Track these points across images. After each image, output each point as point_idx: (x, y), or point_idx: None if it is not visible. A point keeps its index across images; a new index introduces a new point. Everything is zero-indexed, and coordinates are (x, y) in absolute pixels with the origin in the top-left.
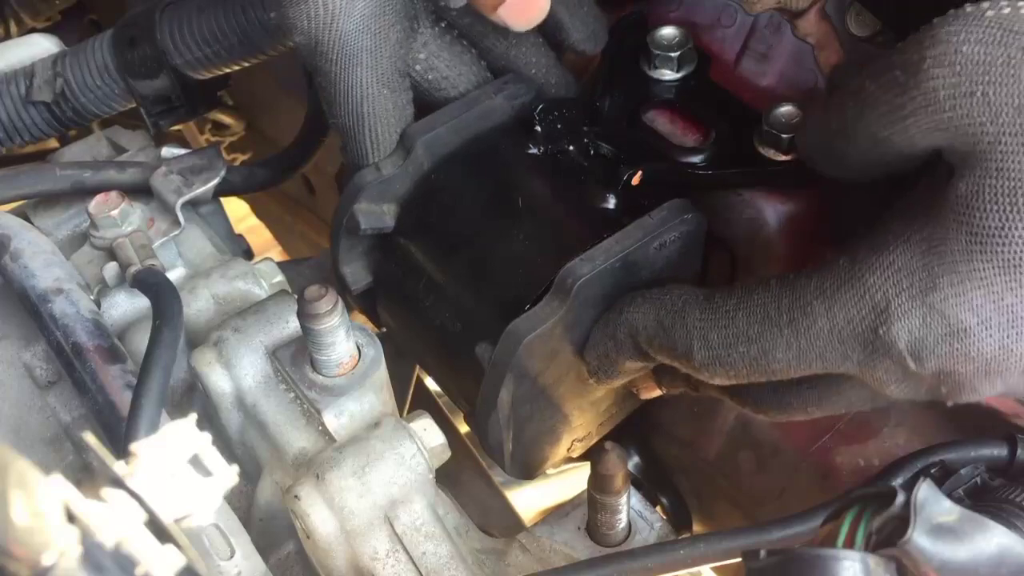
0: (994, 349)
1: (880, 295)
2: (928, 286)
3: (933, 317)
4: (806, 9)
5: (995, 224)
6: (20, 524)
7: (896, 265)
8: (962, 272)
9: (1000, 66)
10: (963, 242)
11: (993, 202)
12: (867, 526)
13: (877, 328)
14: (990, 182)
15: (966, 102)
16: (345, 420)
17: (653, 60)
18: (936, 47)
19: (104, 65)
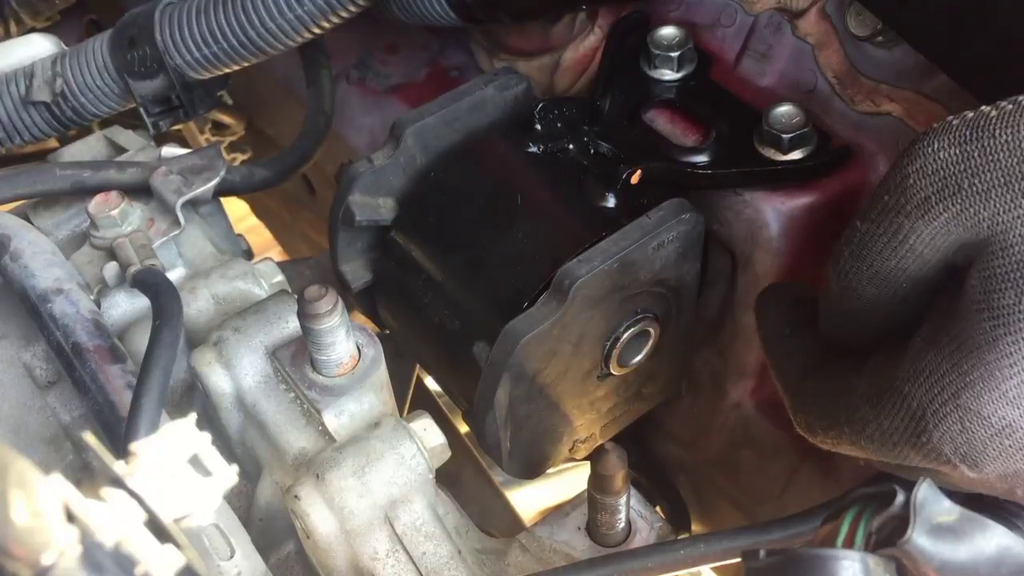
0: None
1: (916, 403)
2: (960, 386)
3: (970, 419)
4: (806, 9)
5: (1011, 301)
6: (20, 523)
7: (927, 370)
8: (990, 362)
9: (977, 157)
10: (986, 329)
11: (1005, 279)
12: (867, 526)
13: (920, 436)
14: (998, 262)
15: (957, 198)
16: (345, 420)
17: (653, 60)
18: (915, 161)
19: (103, 65)
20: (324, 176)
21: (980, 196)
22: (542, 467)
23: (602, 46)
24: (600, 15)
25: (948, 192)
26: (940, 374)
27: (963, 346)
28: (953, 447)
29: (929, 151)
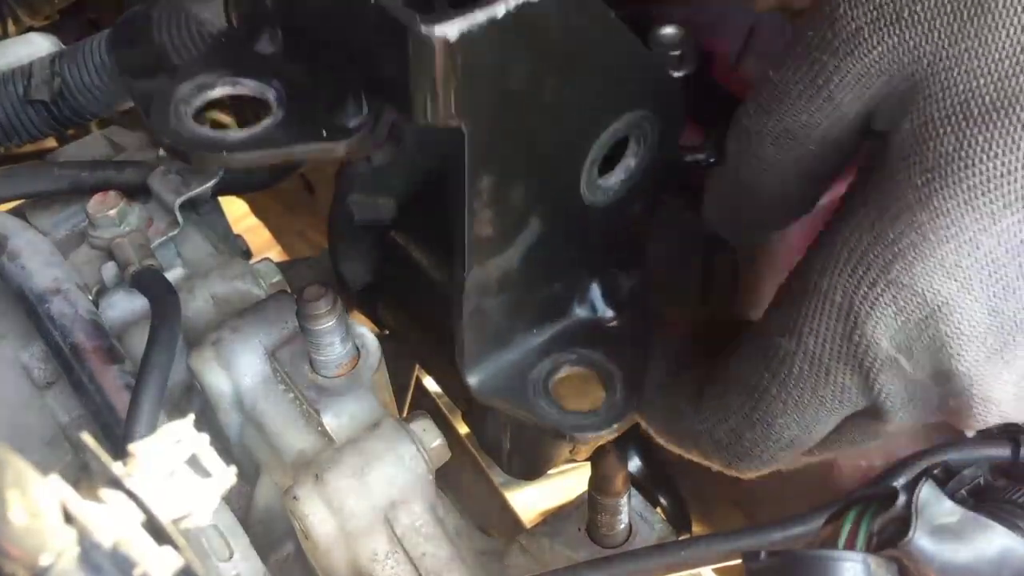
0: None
1: (840, 295)
2: (888, 259)
3: (904, 296)
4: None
5: (952, 146)
6: (18, 524)
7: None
8: (923, 223)
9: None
10: (917, 185)
11: (945, 123)
12: (868, 527)
13: (852, 336)
14: (938, 104)
15: (894, 28)
16: (344, 421)
17: None
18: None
19: (102, 64)
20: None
21: (923, 26)
22: (543, 468)
23: None
24: None
25: (885, 22)
26: (863, 250)
27: (888, 209)
28: (889, 336)
29: None
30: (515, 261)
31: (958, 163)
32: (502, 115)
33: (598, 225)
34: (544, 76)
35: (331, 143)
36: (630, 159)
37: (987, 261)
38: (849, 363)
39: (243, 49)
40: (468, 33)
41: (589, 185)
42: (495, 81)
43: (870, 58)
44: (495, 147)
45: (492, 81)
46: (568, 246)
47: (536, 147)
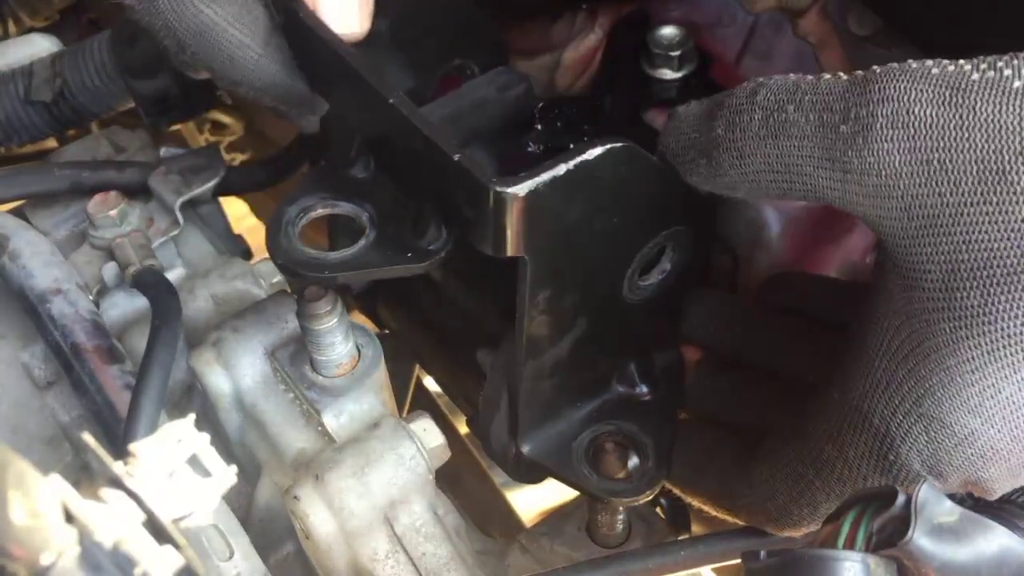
0: (1007, 443)
1: (878, 419)
2: (920, 394)
3: (935, 428)
4: (807, 8)
5: (978, 302)
6: (19, 524)
7: (884, 381)
8: (951, 367)
9: (954, 129)
10: (947, 331)
11: (970, 278)
12: (868, 527)
13: (887, 455)
14: (963, 256)
15: (924, 170)
16: (345, 420)
17: (653, 60)
18: (888, 104)
19: (103, 64)
20: None
21: (951, 179)
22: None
23: (602, 46)
24: (600, 15)
25: (917, 159)
26: (898, 383)
27: (918, 350)
28: (920, 460)
29: (904, 99)
30: (564, 351)
31: (983, 319)
32: (558, 246)
33: (637, 317)
34: (595, 213)
35: (414, 264)
36: (666, 263)
37: (1008, 403)
38: (884, 475)
39: (340, 174)
40: (534, 190)
41: (631, 287)
42: (554, 222)
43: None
44: (552, 270)
45: (551, 222)
46: (611, 336)
47: (585, 265)
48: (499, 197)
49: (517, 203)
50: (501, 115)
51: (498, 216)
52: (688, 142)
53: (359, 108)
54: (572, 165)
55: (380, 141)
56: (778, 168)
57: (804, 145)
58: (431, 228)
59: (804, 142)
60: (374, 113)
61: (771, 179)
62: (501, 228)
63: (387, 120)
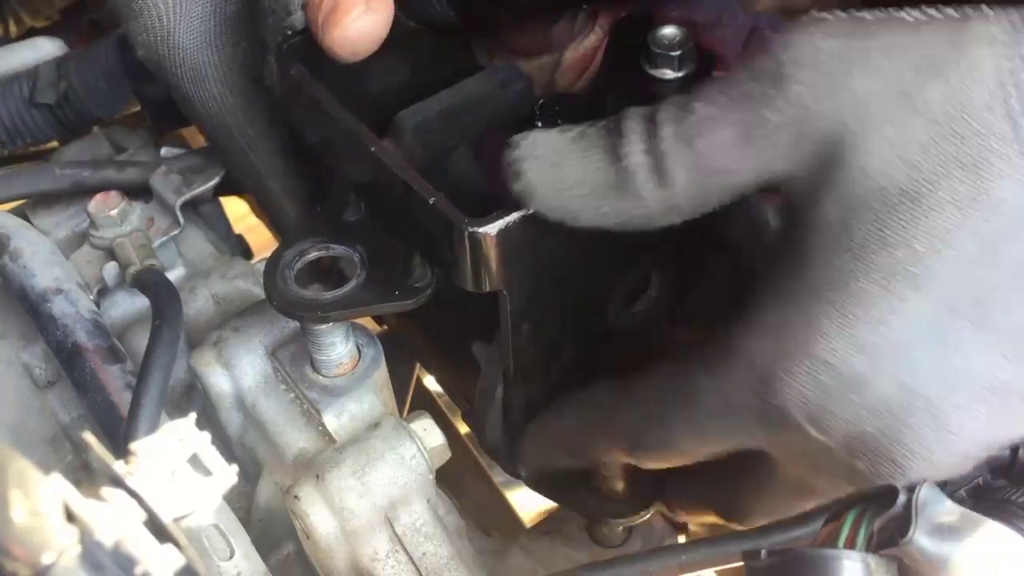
0: (894, 391)
1: (760, 359)
2: (809, 333)
3: (820, 370)
4: (807, 9)
5: (870, 232)
6: (20, 523)
7: (772, 320)
8: (842, 303)
9: (859, 55)
10: (836, 265)
11: (864, 209)
12: (868, 526)
13: (765, 398)
14: (858, 188)
15: (833, 103)
16: (345, 420)
17: (654, 59)
18: (793, 49)
19: (109, 68)
20: None
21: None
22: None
23: (603, 46)
24: (601, 14)
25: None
26: (787, 323)
27: (810, 290)
28: (802, 404)
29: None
30: (555, 379)
31: (873, 247)
32: (536, 279)
33: (625, 344)
34: (570, 245)
35: (402, 301)
36: (652, 291)
37: (895, 339)
38: (760, 419)
39: (334, 218)
40: (505, 228)
41: (616, 315)
42: (528, 256)
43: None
44: (532, 302)
45: (527, 256)
46: (600, 365)
47: (567, 296)
48: (472, 236)
49: (490, 241)
50: (501, 111)
51: (473, 254)
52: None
53: (346, 155)
54: None
55: (367, 186)
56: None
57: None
58: (417, 267)
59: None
60: (359, 160)
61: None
62: (478, 266)
63: (370, 167)
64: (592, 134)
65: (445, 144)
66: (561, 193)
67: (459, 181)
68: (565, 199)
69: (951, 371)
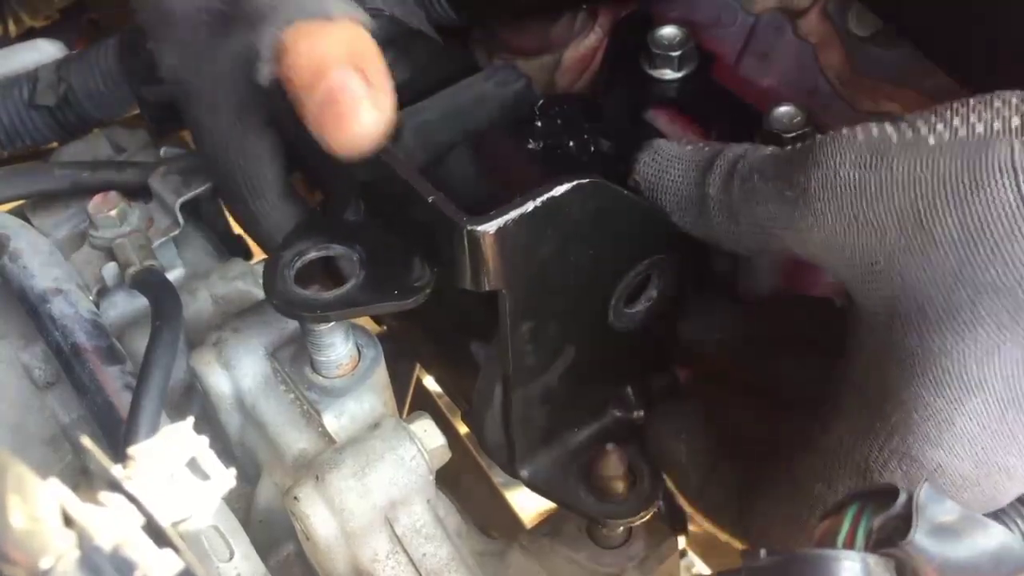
0: (972, 470)
1: (858, 456)
2: (889, 432)
3: (907, 463)
4: (807, 9)
5: (915, 344)
6: (18, 528)
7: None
8: (906, 403)
9: (875, 187)
10: (896, 372)
11: (907, 322)
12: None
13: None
14: (899, 300)
15: (853, 226)
16: (345, 421)
17: (654, 59)
18: (818, 170)
19: (109, 70)
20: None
21: (877, 232)
22: None
23: (603, 45)
24: (600, 14)
25: (844, 217)
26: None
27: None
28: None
29: (832, 164)
30: (554, 380)
31: (922, 359)
32: (535, 278)
33: (628, 342)
34: (569, 245)
35: (402, 300)
36: (652, 291)
37: (962, 434)
38: None
39: (334, 218)
40: (504, 227)
41: (617, 315)
42: (527, 255)
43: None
44: (531, 302)
45: (525, 255)
46: (602, 363)
47: (566, 296)
48: (471, 235)
49: (488, 240)
50: (500, 111)
51: (472, 253)
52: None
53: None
54: (539, 202)
55: (367, 186)
56: (755, 229)
57: (769, 209)
58: (416, 266)
59: (768, 206)
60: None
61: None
62: (476, 264)
63: (370, 166)
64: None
65: (445, 144)
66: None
67: (459, 181)
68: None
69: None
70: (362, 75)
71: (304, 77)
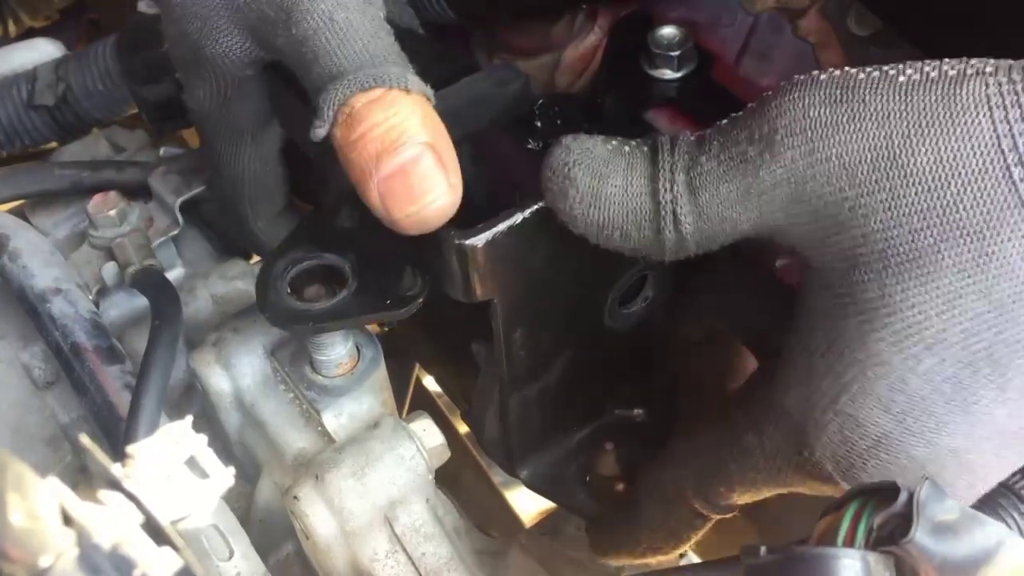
0: (921, 448)
1: (796, 415)
2: (837, 389)
3: (849, 426)
4: (806, 9)
5: (876, 295)
6: (17, 526)
7: (803, 377)
8: (862, 360)
9: (847, 123)
10: (852, 326)
11: (868, 271)
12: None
13: (802, 451)
14: (860, 251)
15: (825, 167)
16: (344, 420)
17: (654, 59)
18: (784, 115)
19: (107, 70)
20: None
21: (848, 172)
22: None
23: (602, 45)
24: (600, 14)
25: (817, 159)
26: (817, 377)
27: (833, 346)
28: (834, 461)
29: (799, 106)
30: (551, 382)
31: (883, 310)
32: (527, 286)
33: (625, 343)
34: (560, 253)
35: (394, 311)
36: (648, 290)
37: (916, 398)
38: (797, 470)
39: (327, 224)
40: (493, 239)
41: (612, 316)
42: (518, 265)
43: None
44: (524, 310)
45: (516, 266)
46: (599, 364)
47: (559, 302)
48: (460, 248)
49: (478, 253)
50: (500, 111)
51: (463, 265)
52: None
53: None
54: (528, 213)
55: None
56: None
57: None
58: (407, 275)
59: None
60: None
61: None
62: (467, 276)
63: None
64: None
65: None
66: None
67: None
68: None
69: (975, 425)
70: (435, 152)
71: (375, 147)
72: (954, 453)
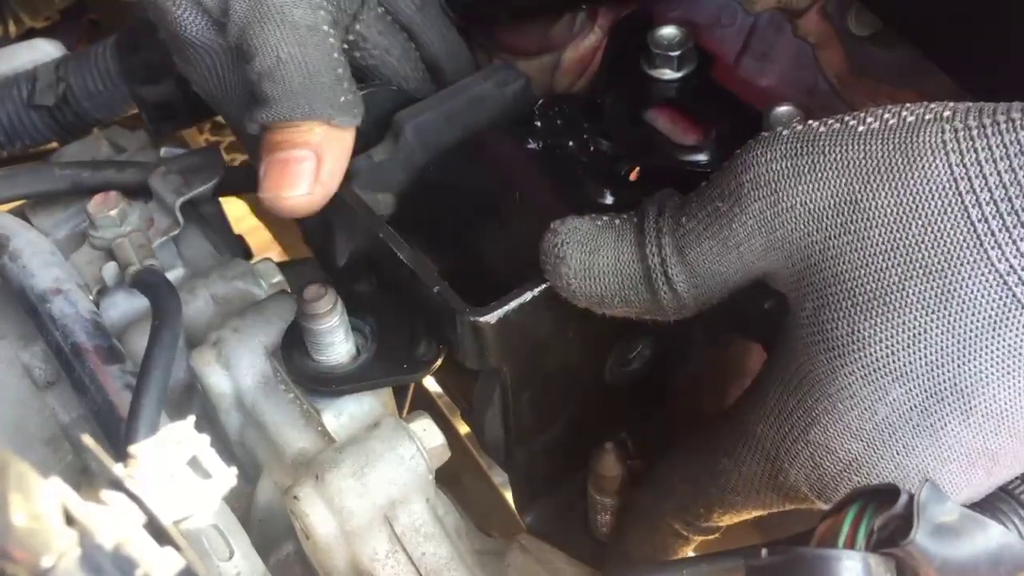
0: (891, 470)
1: (769, 444)
2: (808, 422)
3: (821, 454)
4: (806, 9)
5: (846, 332)
6: (19, 526)
7: (776, 409)
8: (832, 395)
9: (808, 173)
10: (823, 362)
11: (837, 309)
12: (868, 524)
13: (777, 476)
14: (830, 290)
15: (791, 216)
16: (344, 420)
17: (654, 59)
18: (749, 171)
19: (107, 70)
20: None
21: (813, 218)
22: None
23: (602, 45)
24: (600, 15)
25: (782, 208)
26: (788, 411)
27: (804, 381)
28: (808, 484)
29: (762, 161)
30: (554, 435)
31: (852, 346)
32: (535, 355)
33: (624, 393)
34: (565, 324)
35: (410, 375)
36: (645, 350)
37: (884, 425)
38: (775, 492)
39: (347, 288)
40: (504, 316)
41: (612, 374)
42: (526, 336)
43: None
44: (530, 375)
45: (524, 337)
46: (599, 415)
47: (564, 366)
48: (474, 324)
49: (490, 328)
50: (500, 111)
51: (476, 338)
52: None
53: (358, 233)
54: (537, 292)
55: (377, 264)
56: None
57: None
58: (423, 341)
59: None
60: (368, 240)
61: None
62: (480, 348)
63: (379, 248)
64: (624, 227)
65: (444, 143)
66: (595, 280)
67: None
68: (599, 286)
69: (942, 447)
70: (318, 164)
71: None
72: (922, 474)
